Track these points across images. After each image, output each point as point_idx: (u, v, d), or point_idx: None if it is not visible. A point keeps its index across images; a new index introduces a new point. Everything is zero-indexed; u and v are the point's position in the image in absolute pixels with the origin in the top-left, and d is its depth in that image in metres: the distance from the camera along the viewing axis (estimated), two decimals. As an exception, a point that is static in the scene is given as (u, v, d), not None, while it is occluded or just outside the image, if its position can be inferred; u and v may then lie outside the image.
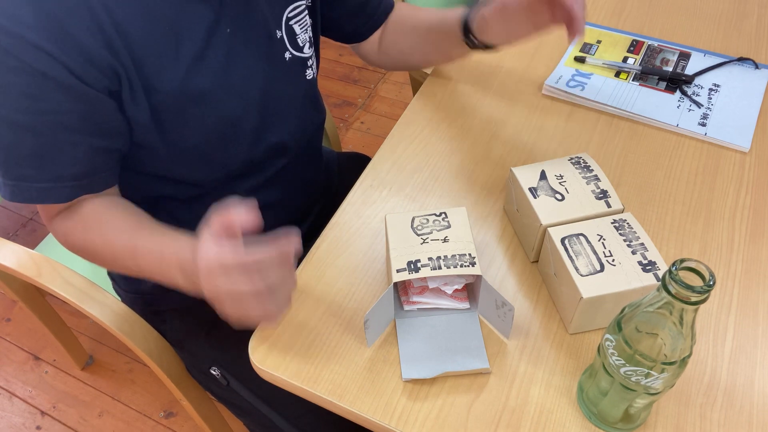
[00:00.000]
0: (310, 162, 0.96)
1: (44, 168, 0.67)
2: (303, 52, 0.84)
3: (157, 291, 0.92)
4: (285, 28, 0.81)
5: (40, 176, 0.68)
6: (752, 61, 1.00)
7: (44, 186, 0.68)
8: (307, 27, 0.84)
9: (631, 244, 0.67)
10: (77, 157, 0.68)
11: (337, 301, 0.72)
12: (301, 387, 0.66)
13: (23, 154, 0.66)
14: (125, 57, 0.66)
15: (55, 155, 0.67)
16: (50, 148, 0.66)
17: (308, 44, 0.85)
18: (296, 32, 0.82)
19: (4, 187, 0.69)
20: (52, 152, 0.67)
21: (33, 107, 0.63)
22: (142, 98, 0.69)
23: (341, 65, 2.31)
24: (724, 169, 0.86)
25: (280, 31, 0.80)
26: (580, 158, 0.76)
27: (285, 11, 0.80)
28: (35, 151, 0.66)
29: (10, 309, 1.65)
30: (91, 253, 0.75)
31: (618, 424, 0.61)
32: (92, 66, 0.64)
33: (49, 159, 0.67)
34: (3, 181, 0.69)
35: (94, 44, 0.63)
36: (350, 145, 2.03)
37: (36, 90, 0.62)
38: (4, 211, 1.87)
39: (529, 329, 0.70)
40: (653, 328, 0.52)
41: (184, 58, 0.69)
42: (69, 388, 1.50)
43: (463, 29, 0.85)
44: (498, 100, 0.96)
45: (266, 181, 0.86)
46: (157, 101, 0.69)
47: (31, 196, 0.69)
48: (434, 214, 0.72)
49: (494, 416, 0.63)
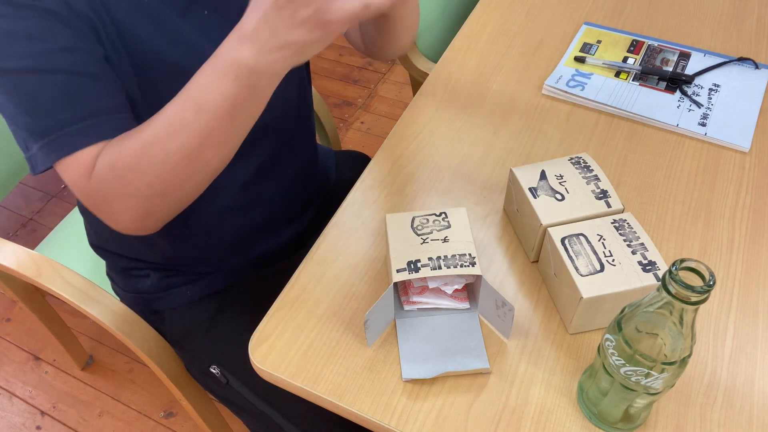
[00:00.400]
0: (302, 146, 0.94)
1: (76, 105, 0.63)
2: None
3: (156, 290, 0.92)
4: None
5: (75, 116, 0.63)
6: (752, 61, 1.00)
7: (82, 126, 0.63)
8: None
9: (631, 244, 0.67)
10: (102, 93, 0.65)
11: (337, 301, 0.72)
12: (301, 387, 0.66)
13: (50, 98, 0.62)
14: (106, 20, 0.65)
15: (83, 93, 0.63)
16: (74, 85, 0.63)
17: None
18: None
19: (39, 152, 0.63)
20: (78, 88, 0.63)
21: (43, 48, 0.61)
22: (126, 63, 0.68)
23: (341, 65, 2.31)
24: (724, 169, 0.86)
25: None
26: (580, 158, 0.76)
27: None
28: (61, 90, 0.62)
29: (10, 309, 1.65)
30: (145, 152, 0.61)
31: (618, 424, 0.61)
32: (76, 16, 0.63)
33: (78, 95, 0.63)
34: (37, 146, 0.63)
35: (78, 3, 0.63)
36: (350, 145, 2.03)
37: (40, 30, 0.61)
38: (4, 211, 1.87)
39: (529, 329, 0.70)
40: (653, 328, 0.52)
41: (162, 33, 0.69)
42: (69, 388, 1.50)
43: None
44: (498, 100, 0.96)
45: (259, 169, 0.85)
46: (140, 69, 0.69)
47: (74, 141, 0.62)
48: (434, 214, 0.72)
49: (494, 416, 0.63)
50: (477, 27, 1.10)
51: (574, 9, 1.13)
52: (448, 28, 1.36)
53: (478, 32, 1.08)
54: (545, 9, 1.13)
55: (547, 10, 1.13)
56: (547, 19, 1.11)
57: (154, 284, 0.92)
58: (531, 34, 1.08)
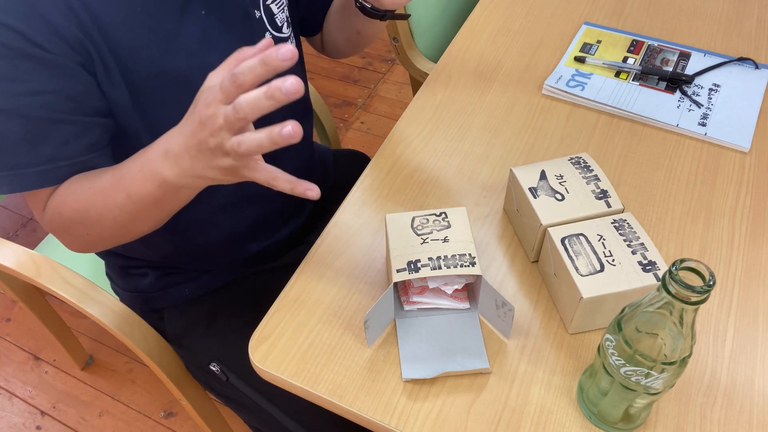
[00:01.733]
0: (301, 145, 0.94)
1: (36, 151, 0.66)
2: (282, 32, 0.83)
3: (155, 288, 0.92)
4: (263, 8, 0.80)
5: (33, 161, 0.66)
6: (752, 61, 1.00)
7: (39, 170, 0.66)
8: (283, 6, 0.84)
9: (631, 244, 0.67)
10: (68, 136, 0.67)
11: (337, 301, 0.72)
12: (301, 387, 0.66)
13: (13, 141, 0.65)
14: (98, 38, 0.65)
15: (47, 137, 0.65)
16: (40, 131, 0.65)
17: (286, 24, 0.84)
18: (274, 12, 0.81)
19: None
20: (43, 134, 0.65)
21: (15, 90, 0.62)
22: (119, 79, 0.68)
23: (341, 65, 2.31)
24: (724, 169, 0.86)
25: (258, 11, 0.79)
26: (580, 158, 0.76)
27: None
28: (25, 136, 0.65)
29: (10, 309, 1.65)
30: (83, 212, 0.69)
31: (618, 424, 0.61)
32: (64, 42, 0.63)
33: (40, 141, 0.65)
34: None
35: (64, 23, 0.62)
36: (350, 145, 2.03)
37: (14, 71, 0.62)
38: (4, 211, 1.87)
39: (529, 329, 0.70)
40: (653, 328, 0.52)
41: (158, 39, 0.69)
42: (69, 388, 1.50)
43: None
44: (498, 100, 0.96)
45: None
46: (134, 82, 0.69)
47: (30, 182, 0.67)
48: (434, 214, 0.72)
49: (494, 416, 0.63)
50: (477, 27, 1.10)
51: (574, 9, 1.13)
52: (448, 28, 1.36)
53: (478, 32, 1.08)
54: (545, 9, 1.13)
55: (547, 10, 1.13)
56: (547, 19, 1.11)
57: (153, 283, 0.92)
58: (531, 34, 1.08)
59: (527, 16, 1.12)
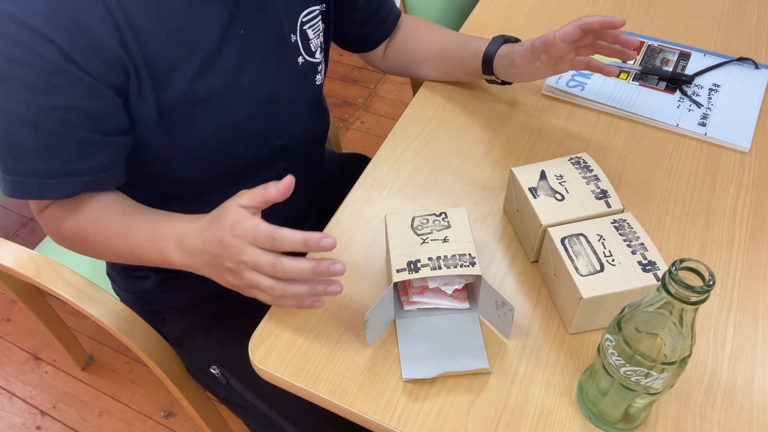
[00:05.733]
0: (314, 166, 0.96)
1: (47, 164, 0.66)
2: (314, 57, 0.84)
3: (157, 291, 0.92)
4: (299, 32, 0.80)
5: (41, 172, 0.66)
6: (752, 61, 1.00)
7: (46, 182, 0.67)
8: (319, 32, 0.84)
9: (631, 244, 0.67)
10: (81, 154, 0.67)
11: (337, 301, 0.72)
12: (301, 387, 0.66)
13: (25, 149, 0.65)
14: (137, 54, 0.65)
15: (59, 152, 0.66)
16: (54, 145, 0.65)
17: (320, 50, 0.85)
18: (309, 37, 0.82)
19: (4, 182, 0.67)
20: (56, 149, 0.65)
21: (38, 102, 0.62)
22: (150, 95, 0.68)
23: (341, 65, 2.31)
24: (724, 169, 0.86)
25: (294, 35, 0.79)
26: (580, 158, 0.76)
27: (300, 15, 0.80)
28: (37, 147, 0.65)
29: (10, 309, 1.65)
30: (81, 240, 0.73)
31: (618, 424, 0.61)
32: (102, 61, 0.63)
33: (52, 155, 0.66)
34: (2, 176, 0.67)
35: (106, 39, 0.62)
36: (350, 145, 2.03)
37: (43, 84, 0.61)
38: (4, 211, 1.87)
39: (529, 329, 0.70)
40: (653, 328, 0.52)
41: (196, 57, 0.69)
42: (69, 388, 1.50)
43: (484, 64, 0.87)
44: (498, 100, 0.96)
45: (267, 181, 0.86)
46: (165, 99, 0.69)
47: (33, 192, 0.67)
48: (434, 214, 0.72)
49: (494, 416, 0.63)
50: (477, 27, 1.10)
51: (574, 9, 1.13)
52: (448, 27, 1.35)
53: (478, 32, 1.08)
54: (545, 9, 1.13)
55: (547, 10, 1.13)
56: (547, 19, 1.11)
57: (155, 285, 0.92)
58: (531, 34, 1.08)
59: (527, 16, 1.12)
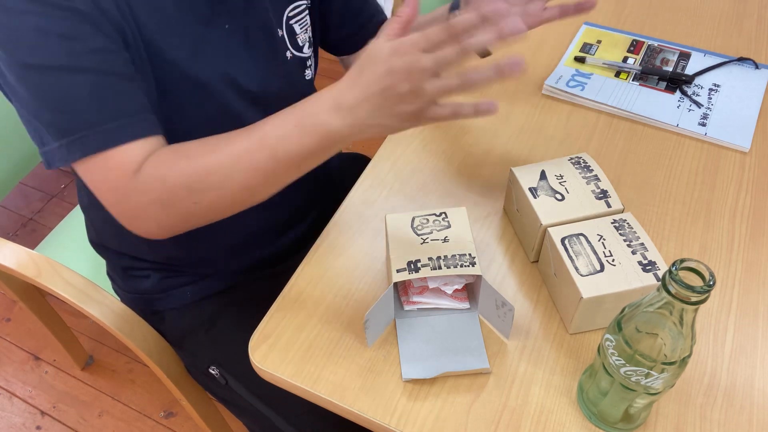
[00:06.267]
0: None
1: (106, 107, 0.63)
2: (303, 52, 0.84)
3: (157, 290, 0.92)
4: (286, 27, 0.81)
5: (104, 117, 0.62)
6: (752, 61, 1.00)
7: (112, 126, 0.63)
8: (306, 27, 0.84)
9: (631, 244, 0.67)
10: (133, 92, 0.65)
11: (337, 301, 0.72)
12: (301, 387, 0.66)
13: (80, 98, 0.62)
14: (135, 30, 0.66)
15: (112, 91, 0.63)
16: (104, 85, 0.63)
17: (308, 44, 0.85)
18: (296, 32, 0.82)
19: (59, 150, 0.63)
20: (108, 88, 0.63)
21: (75, 48, 0.61)
22: (149, 73, 0.69)
23: (341, 65, 2.31)
24: (724, 169, 0.86)
25: (281, 30, 0.80)
26: (580, 158, 0.76)
27: (285, 10, 0.80)
28: (91, 91, 0.62)
29: (10, 309, 1.65)
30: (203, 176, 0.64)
31: (618, 424, 0.61)
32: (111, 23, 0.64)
33: (107, 96, 0.63)
34: (58, 144, 0.63)
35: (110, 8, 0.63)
36: (350, 145, 2.03)
37: (73, 30, 0.61)
38: (4, 211, 1.87)
39: (529, 329, 0.70)
40: (653, 328, 0.52)
41: (184, 44, 0.70)
42: (69, 388, 1.50)
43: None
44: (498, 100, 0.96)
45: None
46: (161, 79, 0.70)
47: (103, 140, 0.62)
48: (434, 214, 0.72)
49: (494, 416, 0.63)
50: (477, 27, 1.10)
51: (574, 9, 1.12)
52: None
53: (478, 32, 1.08)
54: (545, 9, 1.13)
55: (547, 10, 1.13)
56: (547, 19, 1.11)
57: (155, 284, 0.92)
58: (531, 34, 1.07)
59: (527, 16, 1.11)
